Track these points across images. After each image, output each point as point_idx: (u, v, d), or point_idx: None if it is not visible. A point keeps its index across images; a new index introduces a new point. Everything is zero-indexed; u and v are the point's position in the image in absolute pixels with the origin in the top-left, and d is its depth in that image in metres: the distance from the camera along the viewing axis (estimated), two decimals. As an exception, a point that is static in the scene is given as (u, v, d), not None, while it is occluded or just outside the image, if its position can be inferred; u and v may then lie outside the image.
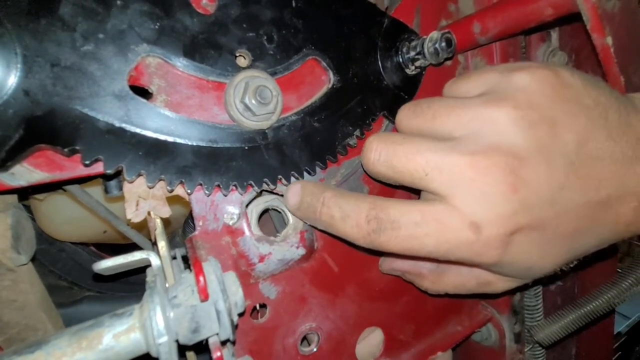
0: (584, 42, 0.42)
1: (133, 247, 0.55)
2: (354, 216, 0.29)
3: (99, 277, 0.49)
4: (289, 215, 0.35)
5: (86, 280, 0.52)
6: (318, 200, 0.31)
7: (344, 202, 0.30)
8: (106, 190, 0.31)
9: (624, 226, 0.28)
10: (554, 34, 0.46)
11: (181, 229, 0.48)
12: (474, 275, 0.34)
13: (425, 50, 0.35)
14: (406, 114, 0.32)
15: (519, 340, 0.49)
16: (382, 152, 0.29)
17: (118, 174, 0.27)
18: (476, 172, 0.26)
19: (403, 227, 0.27)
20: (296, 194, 0.32)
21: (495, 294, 0.35)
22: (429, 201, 0.28)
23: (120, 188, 0.31)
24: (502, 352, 0.48)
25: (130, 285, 0.54)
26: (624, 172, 0.26)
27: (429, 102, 0.31)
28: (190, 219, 0.42)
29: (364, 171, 0.33)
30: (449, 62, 0.42)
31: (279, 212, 0.36)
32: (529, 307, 0.48)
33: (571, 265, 0.31)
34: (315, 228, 0.35)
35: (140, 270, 0.30)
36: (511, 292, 0.36)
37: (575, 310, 0.41)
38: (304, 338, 0.37)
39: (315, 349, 0.37)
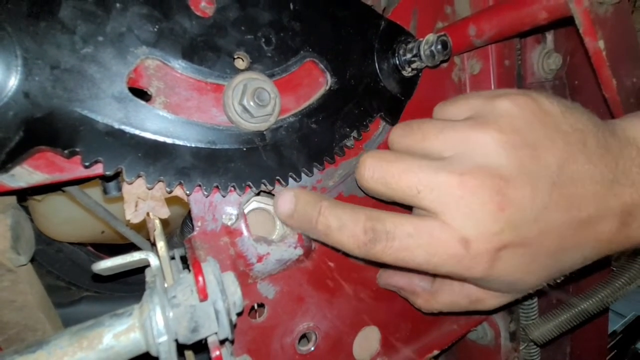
0: (578, 44, 0.43)
1: (130, 247, 0.55)
2: (351, 226, 0.29)
3: (97, 277, 0.49)
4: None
5: (84, 280, 0.52)
6: (315, 209, 0.31)
7: (341, 212, 0.30)
8: (105, 191, 0.31)
9: (606, 244, 0.29)
10: (549, 36, 0.46)
11: (179, 229, 0.48)
12: (465, 294, 0.35)
13: (422, 52, 0.36)
14: (398, 134, 0.33)
15: (514, 338, 0.49)
16: (376, 170, 0.31)
17: (117, 175, 0.28)
18: (465, 191, 0.27)
19: (397, 238, 0.28)
20: (289, 202, 0.32)
21: (488, 310, 0.36)
22: (421, 216, 0.29)
23: (119, 189, 0.31)
24: (497, 350, 0.49)
25: (128, 286, 0.54)
26: (604, 193, 0.28)
27: (419, 124, 0.32)
28: (188, 219, 0.42)
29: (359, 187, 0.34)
30: (445, 64, 0.43)
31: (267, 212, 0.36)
32: (524, 306, 0.49)
33: (558, 281, 0.32)
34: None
35: (138, 270, 0.30)
36: (502, 308, 0.37)
37: (570, 309, 0.42)
38: (303, 336, 0.37)
39: (312, 348, 0.37)
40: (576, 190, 0.27)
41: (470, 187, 0.27)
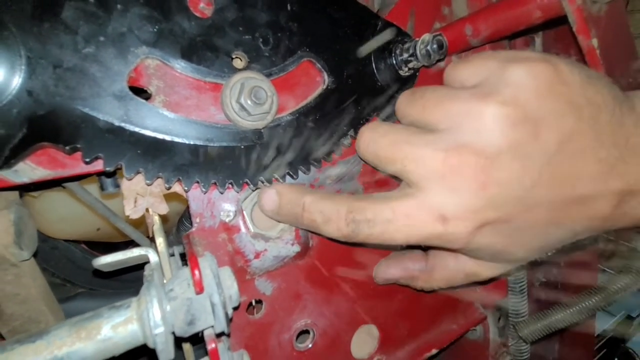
0: (566, 47, 0.43)
1: (125, 245, 0.56)
2: (334, 219, 0.30)
3: (96, 273, 0.50)
4: None
5: (79, 277, 0.52)
6: (298, 206, 0.32)
7: (323, 206, 0.31)
8: (102, 188, 0.32)
9: (600, 222, 0.29)
10: (538, 39, 0.47)
11: (175, 228, 0.49)
12: (460, 269, 0.35)
13: (418, 52, 0.36)
14: (402, 102, 0.33)
15: (503, 334, 0.50)
16: (370, 143, 0.31)
17: (115, 172, 0.28)
18: (447, 169, 0.27)
19: (377, 224, 0.29)
20: (272, 201, 0.33)
21: (484, 280, 0.36)
22: (401, 196, 0.29)
23: (116, 185, 0.32)
24: (486, 345, 0.49)
25: (123, 283, 0.55)
26: (607, 171, 0.27)
27: (422, 92, 0.31)
28: (184, 218, 0.43)
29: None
30: (442, 64, 0.43)
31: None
32: (514, 304, 0.49)
33: (549, 254, 0.32)
34: None
35: (134, 268, 0.31)
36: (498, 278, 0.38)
37: (561, 311, 0.42)
38: (306, 332, 0.37)
39: (310, 345, 0.37)
40: (574, 169, 0.27)
41: (452, 165, 0.27)
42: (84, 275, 0.52)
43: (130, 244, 0.56)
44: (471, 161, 0.26)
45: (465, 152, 0.27)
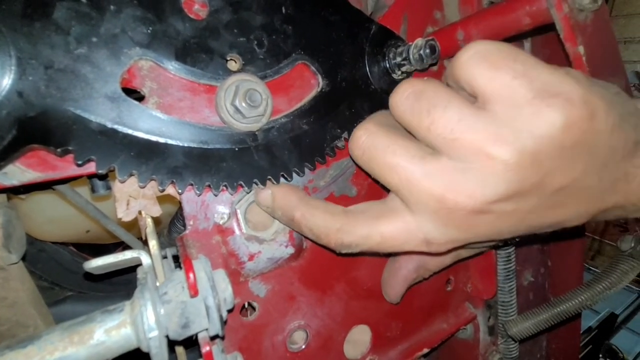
0: (554, 53, 0.45)
1: (113, 247, 0.55)
2: (323, 238, 0.32)
3: (86, 276, 0.49)
4: None
5: (68, 280, 0.51)
6: (290, 214, 0.32)
7: (312, 224, 0.32)
8: (93, 190, 0.32)
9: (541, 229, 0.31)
10: (527, 44, 0.48)
11: (166, 229, 0.48)
12: (448, 255, 0.38)
13: (411, 56, 0.37)
14: (404, 103, 0.28)
15: (493, 333, 0.51)
16: (366, 152, 0.30)
17: (108, 174, 0.28)
18: (441, 207, 0.27)
19: (366, 246, 0.31)
20: (266, 201, 0.33)
21: (470, 256, 0.40)
22: (390, 215, 0.30)
23: (107, 187, 0.32)
24: (476, 344, 0.50)
25: (112, 285, 0.54)
26: (591, 204, 0.28)
27: (430, 105, 0.27)
28: (176, 219, 0.43)
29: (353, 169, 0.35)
30: (434, 67, 0.44)
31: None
32: (503, 303, 0.50)
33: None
34: None
35: (124, 270, 0.30)
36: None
37: (549, 310, 0.43)
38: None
39: (303, 346, 0.38)
40: (562, 201, 0.27)
41: (448, 206, 0.27)
42: (73, 278, 0.52)
43: (120, 245, 0.56)
44: (466, 206, 0.26)
45: (463, 195, 0.26)
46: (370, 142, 0.30)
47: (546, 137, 0.23)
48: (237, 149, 0.31)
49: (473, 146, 0.25)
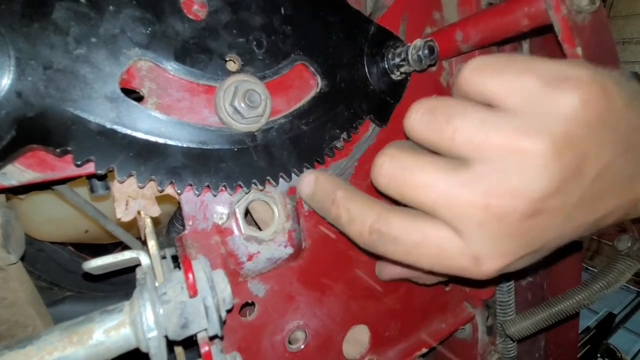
0: (552, 54, 0.45)
1: (112, 247, 0.55)
2: (359, 223, 0.29)
3: (85, 276, 0.49)
4: (274, 206, 0.35)
5: (66, 280, 0.51)
6: (329, 198, 0.31)
7: (352, 205, 0.30)
8: (92, 190, 0.32)
9: (603, 225, 0.29)
10: (525, 45, 0.48)
11: (165, 229, 0.48)
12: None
13: (410, 57, 0.37)
14: (420, 121, 0.27)
15: (491, 332, 0.51)
16: (392, 179, 0.28)
17: (107, 174, 0.28)
18: (489, 216, 0.24)
19: (403, 245, 0.27)
20: (309, 186, 0.33)
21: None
22: (434, 222, 0.27)
23: (106, 187, 0.32)
24: (474, 344, 0.51)
25: (111, 285, 0.54)
26: (629, 185, 0.26)
27: (447, 113, 0.26)
28: (174, 219, 0.43)
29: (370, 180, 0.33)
30: (433, 68, 0.44)
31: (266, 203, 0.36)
32: (501, 303, 0.50)
33: None
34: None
35: (123, 270, 0.30)
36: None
37: (547, 309, 0.44)
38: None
39: (302, 346, 0.38)
40: (601, 196, 0.26)
41: (495, 213, 0.24)
42: (72, 278, 0.51)
43: (118, 245, 0.56)
44: (516, 208, 0.24)
45: (508, 197, 0.24)
46: (395, 165, 0.28)
47: (570, 117, 0.23)
48: (236, 149, 0.31)
49: (503, 144, 0.24)
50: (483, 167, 0.24)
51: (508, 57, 0.26)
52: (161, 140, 0.28)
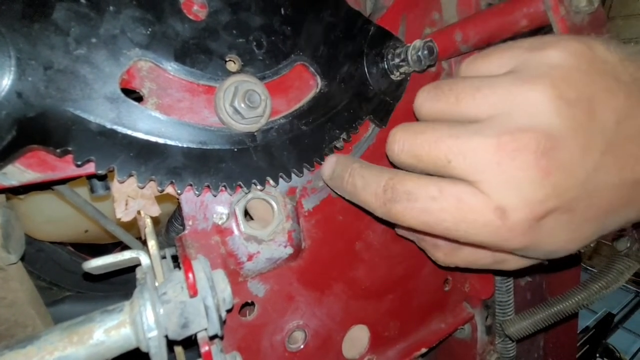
0: None
1: (112, 247, 0.55)
2: (373, 185, 0.30)
3: (84, 276, 0.49)
4: (274, 203, 0.35)
5: (66, 280, 0.51)
6: (346, 171, 0.33)
7: (367, 172, 0.32)
8: (92, 190, 0.32)
9: None
10: None
11: (164, 229, 0.48)
12: (490, 253, 0.33)
13: (409, 57, 0.37)
14: (426, 98, 0.30)
15: (490, 332, 0.51)
16: (405, 143, 0.28)
17: (107, 174, 0.28)
18: (503, 155, 0.24)
19: (419, 200, 0.27)
20: (330, 166, 0.35)
21: (508, 271, 0.34)
22: (451, 179, 0.26)
23: (106, 187, 0.32)
24: (474, 344, 0.51)
25: (111, 285, 0.54)
26: (635, 161, 0.25)
27: (450, 84, 0.28)
28: (173, 219, 0.43)
29: (390, 163, 0.32)
30: (433, 69, 0.44)
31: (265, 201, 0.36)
32: (500, 303, 0.50)
33: (592, 245, 0.30)
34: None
35: (123, 270, 0.30)
36: (523, 270, 0.35)
37: (546, 309, 0.44)
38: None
39: (302, 346, 0.38)
40: (631, 149, 0.25)
41: (509, 150, 0.24)
42: (71, 278, 0.51)
43: (119, 245, 0.56)
44: (532, 145, 0.23)
45: (523, 135, 0.24)
46: (408, 130, 0.29)
47: (561, 64, 0.25)
48: (236, 149, 0.31)
49: (505, 94, 0.25)
50: (490, 117, 0.25)
51: (495, 47, 0.29)
52: (161, 141, 0.29)
